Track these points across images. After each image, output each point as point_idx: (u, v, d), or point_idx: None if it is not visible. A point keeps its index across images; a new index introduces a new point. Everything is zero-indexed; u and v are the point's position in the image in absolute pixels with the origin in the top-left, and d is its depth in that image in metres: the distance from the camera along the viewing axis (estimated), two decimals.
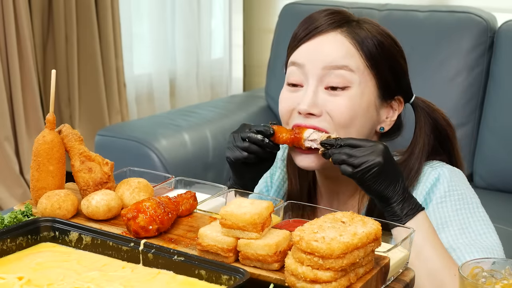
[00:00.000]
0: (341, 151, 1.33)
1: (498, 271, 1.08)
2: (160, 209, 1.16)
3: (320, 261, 0.99)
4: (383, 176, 1.31)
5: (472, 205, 1.46)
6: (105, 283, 1.05)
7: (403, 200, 1.33)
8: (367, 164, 1.30)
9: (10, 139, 3.13)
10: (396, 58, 1.47)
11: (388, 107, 1.50)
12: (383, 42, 1.45)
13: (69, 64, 3.32)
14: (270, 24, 3.93)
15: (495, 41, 2.82)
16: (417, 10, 2.95)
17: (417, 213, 1.34)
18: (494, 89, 2.79)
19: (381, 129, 1.50)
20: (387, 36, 1.47)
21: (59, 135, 1.30)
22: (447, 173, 1.47)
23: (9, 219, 1.20)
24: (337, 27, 1.45)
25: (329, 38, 1.44)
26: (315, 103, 1.42)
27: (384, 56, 1.45)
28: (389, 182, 1.32)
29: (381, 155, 1.31)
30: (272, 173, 1.67)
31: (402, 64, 1.49)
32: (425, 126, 1.51)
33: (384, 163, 1.31)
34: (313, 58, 1.43)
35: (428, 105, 1.53)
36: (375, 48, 1.44)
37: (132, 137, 2.85)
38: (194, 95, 3.97)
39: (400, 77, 1.49)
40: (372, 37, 1.44)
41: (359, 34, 1.44)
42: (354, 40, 1.43)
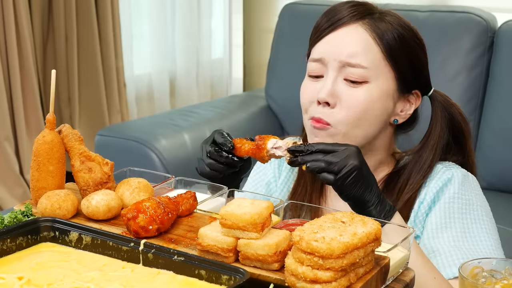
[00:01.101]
0: (317, 158, 1.29)
1: (498, 271, 1.08)
2: (160, 209, 1.16)
3: (320, 261, 0.99)
4: (361, 179, 1.29)
5: (478, 212, 1.45)
6: (105, 283, 1.05)
7: (379, 202, 1.31)
8: (347, 169, 1.28)
9: (10, 139, 3.13)
10: (416, 51, 1.47)
11: (405, 101, 1.50)
12: (404, 35, 1.45)
13: (69, 64, 3.33)
14: (270, 24, 3.93)
15: (495, 41, 2.82)
16: (417, 10, 2.95)
17: (394, 214, 1.33)
18: (494, 89, 2.79)
19: (394, 121, 1.50)
20: (408, 29, 1.47)
21: (59, 135, 1.30)
22: (460, 176, 1.47)
23: (9, 219, 1.20)
24: (359, 19, 1.45)
25: (349, 31, 1.45)
26: (333, 93, 1.43)
27: (403, 49, 1.45)
28: (366, 185, 1.30)
29: (356, 158, 1.29)
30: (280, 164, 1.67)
31: (421, 57, 1.49)
32: (441, 120, 1.51)
33: (360, 166, 1.29)
34: (332, 51, 1.44)
35: (446, 99, 1.53)
36: (395, 41, 1.44)
37: (132, 137, 2.85)
38: (194, 95, 3.97)
39: (419, 71, 1.49)
40: (393, 29, 1.45)
41: (379, 26, 1.44)
42: (374, 33, 1.44)
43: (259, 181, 1.66)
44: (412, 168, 1.50)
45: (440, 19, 2.89)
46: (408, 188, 1.48)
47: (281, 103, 3.20)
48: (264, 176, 1.66)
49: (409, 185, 1.49)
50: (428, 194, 1.46)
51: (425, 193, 1.48)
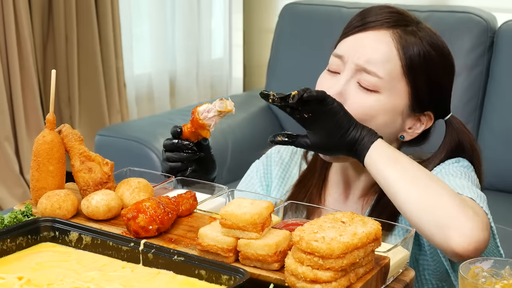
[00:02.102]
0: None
1: (498, 271, 1.08)
2: (160, 209, 1.16)
3: (320, 261, 0.99)
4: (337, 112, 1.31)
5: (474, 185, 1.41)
6: (104, 283, 1.05)
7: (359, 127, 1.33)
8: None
9: (10, 139, 3.13)
10: (439, 73, 1.44)
11: (416, 119, 1.46)
12: (430, 54, 1.42)
13: (69, 64, 3.33)
14: (270, 24, 3.93)
15: (495, 41, 2.82)
16: (417, 10, 2.95)
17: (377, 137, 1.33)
18: (494, 89, 2.79)
19: (401, 137, 1.47)
20: (438, 50, 1.44)
21: (59, 135, 1.30)
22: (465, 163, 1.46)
23: (9, 219, 1.20)
24: (390, 27, 1.43)
25: (376, 36, 1.42)
26: (343, 93, 1.41)
27: (425, 67, 1.42)
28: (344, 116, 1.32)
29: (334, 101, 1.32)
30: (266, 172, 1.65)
31: (443, 81, 1.46)
32: (449, 145, 1.48)
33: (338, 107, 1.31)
34: (354, 52, 1.42)
35: (461, 126, 1.49)
36: (419, 57, 1.41)
37: (132, 137, 2.85)
38: (194, 95, 3.97)
39: (437, 93, 1.45)
40: (421, 45, 1.41)
41: (407, 39, 1.41)
42: (399, 45, 1.41)
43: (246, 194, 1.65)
44: None
45: (440, 19, 2.89)
46: None
47: None
48: (250, 186, 1.65)
49: None
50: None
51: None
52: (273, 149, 1.66)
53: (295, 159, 1.64)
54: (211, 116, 1.38)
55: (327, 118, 1.31)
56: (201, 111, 1.40)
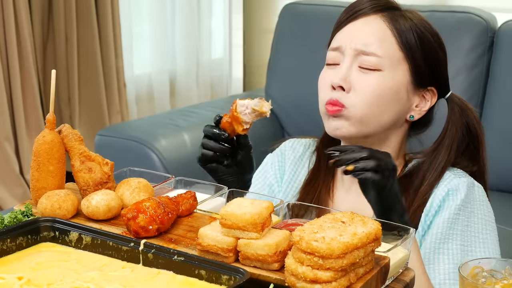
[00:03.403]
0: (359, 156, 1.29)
1: (498, 271, 1.08)
2: (160, 209, 1.16)
3: (320, 261, 0.99)
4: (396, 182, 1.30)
5: (479, 225, 1.45)
6: (104, 283, 1.05)
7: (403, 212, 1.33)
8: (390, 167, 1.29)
9: (10, 139, 3.13)
10: (434, 49, 1.50)
11: (421, 96, 1.51)
12: (423, 31, 1.48)
13: (69, 64, 3.33)
14: (270, 24, 3.93)
15: (495, 41, 2.82)
16: (417, 10, 2.95)
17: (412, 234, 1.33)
18: (494, 89, 2.79)
19: (410, 117, 1.51)
20: (428, 27, 1.50)
21: (59, 135, 1.30)
22: (465, 187, 1.47)
23: (9, 219, 1.20)
24: (379, 11, 1.49)
25: (368, 21, 1.48)
26: (347, 79, 1.45)
27: (421, 44, 1.47)
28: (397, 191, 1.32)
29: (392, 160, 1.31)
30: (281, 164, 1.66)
31: (439, 56, 1.51)
32: (456, 123, 1.52)
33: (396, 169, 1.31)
34: (349, 40, 1.47)
35: (463, 102, 1.54)
36: (412, 35, 1.47)
37: (132, 137, 2.85)
38: (194, 95, 3.97)
39: (436, 68, 1.51)
40: (412, 24, 1.47)
41: (398, 20, 1.47)
42: (391, 25, 1.47)
43: (262, 184, 1.66)
44: (426, 170, 1.50)
45: (440, 19, 2.89)
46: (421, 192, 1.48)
47: (281, 103, 3.20)
48: (265, 179, 1.66)
49: (423, 186, 1.49)
50: (434, 203, 1.46)
51: (431, 203, 1.47)
52: (287, 143, 1.68)
53: (308, 154, 1.65)
54: (246, 112, 1.37)
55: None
56: (239, 104, 1.39)
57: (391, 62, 1.45)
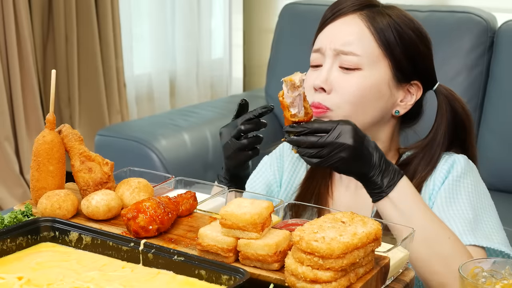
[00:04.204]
0: (306, 140, 1.28)
1: (498, 271, 1.08)
2: (160, 209, 1.16)
3: (320, 261, 0.99)
4: (355, 158, 1.28)
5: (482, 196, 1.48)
6: (104, 283, 1.05)
7: (381, 171, 1.31)
8: (336, 153, 1.26)
9: (10, 139, 3.13)
10: (414, 42, 1.49)
11: (405, 91, 1.51)
12: (401, 26, 1.48)
13: (69, 64, 3.33)
14: (270, 24, 3.93)
15: (495, 41, 2.82)
16: (417, 10, 2.95)
17: (398, 181, 1.32)
18: (494, 89, 2.79)
19: (396, 112, 1.51)
20: (408, 21, 1.49)
21: (59, 135, 1.30)
22: (462, 160, 1.50)
23: (9, 219, 1.20)
24: (357, 10, 1.49)
25: (346, 21, 1.49)
26: (328, 80, 1.47)
27: (400, 40, 1.47)
28: (364, 161, 1.29)
29: (350, 137, 1.27)
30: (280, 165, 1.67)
31: (421, 49, 1.50)
32: (446, 114, 1.53)
33: (354, 144, 1.27)
34: (329, 41, 1.48)
35: (450, 93, 1.55)
36: (390, 31, 1.47)
37: (132, 137, 2.85)
38: (194, 95, 3.97)
39: (418, 62, 1.50)
40: (390, 20, 1.48)
41: (376, 17, 1.48)
42: (369, 23, 1.47)
43: (260, 185, 1.67)
44: (420, 162, 1.52)
45: (440, 19, 2.89)
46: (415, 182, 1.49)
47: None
48: (264, 179, 1.67)
49: (415, 179, 1.50)
50: (435, 183, 1.48)
51: (433, 185, 1.49)
52: (286, 144, 1.68)
53: None
54: (285, 92, 1.32)
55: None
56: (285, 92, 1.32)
57: (371, 60, 1.46)
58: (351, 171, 1.31)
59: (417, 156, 1.52)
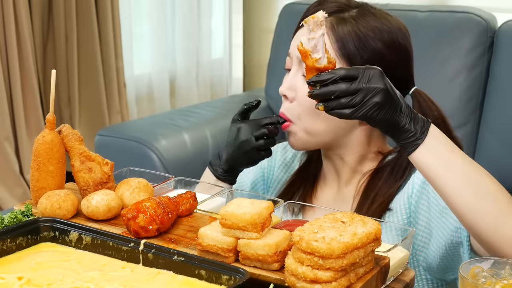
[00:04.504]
0: (337, 89, 1.17)
1: (498, 271, 1.08)
2: (160, 209, 1.16)
3: (320, 261, 0.99)
4: (388, 103, 1.19)
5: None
6: (104, 283, 1.05)
7: (411, 119, 1.22)
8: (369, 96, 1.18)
9: (10, 139, 3.13)
10: (379, 53, 1.44)
11: None
12: (365, 34, 1.44)
13: (69, 64, 3.32)
14: (270, 24, 3.92)
15: (495, 41, 2.82)
16: (417, 10, 2.95)
17: (429, 127, 1.24)
18: (494, 89, 2.79)
19: None
20: (375, 29, 1.45)
21: (59, 135, 1.30)
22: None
23: (9, 219, 1.20)
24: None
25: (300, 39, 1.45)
26: (292, 86, 1.48)
27: (361, 48, 1.43)
28: (395, 106, 1.21)
29: (381, 80, 1.19)
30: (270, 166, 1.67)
31: (388, 58, 1.45)
32: None
33: (386, 87, 1.19)
34: (294, 47, 1.48)
35: (425, 99, 1.51)
36: (352, 39, 1.43)
37: (132, 137, 2.85)
38: (194, 95, 3.97)
39: (384, 70, 1.45)
40: (352, 29, 1.44)
41: (338, 25, 1.44)
42: (330, 31, 1.44)
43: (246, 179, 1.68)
44: (394, 164, 1.50)
45: (440, 19, 2.89)
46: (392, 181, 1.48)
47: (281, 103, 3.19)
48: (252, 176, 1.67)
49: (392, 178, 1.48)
50: (415, 184, 1.46)
51: (413, 184, 1.46)
52: (280, 145, 1.68)
53: (298, 158, 1.66)
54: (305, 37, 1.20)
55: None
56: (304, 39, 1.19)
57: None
58: (384, 119, 1.20)
59: (394, 158, 1.50)
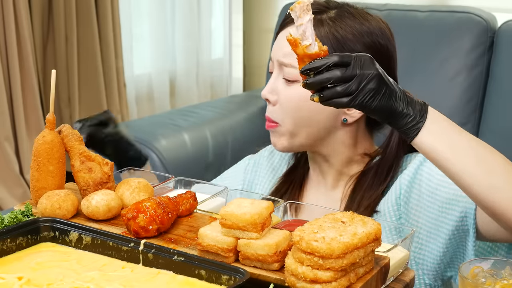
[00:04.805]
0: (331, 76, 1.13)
1: (498, 271, 1.08)
2: (160, 209, 1.16)
3: (320, 261, 0.99)
4: (383, 89, 1.16)
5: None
6: (104, 283, 1.05)
7: (408, 103, 1.19)
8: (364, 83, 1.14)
9: (10, 139, 3.12)
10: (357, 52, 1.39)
11: None
12: (344, 36, 1.43)
13: (69, 64, 3.32)
14: (270, 24, 3.92)
15: (495, 41, 2.82)
16: (417, 10, 2.95)
17: (427, 109, 1.21)
18: (494, 89, 2.79)
19: (344, 120, 1.47)
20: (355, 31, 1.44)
21: (59, 135, 1.30)
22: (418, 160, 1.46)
23: (9, 219, 1.20)
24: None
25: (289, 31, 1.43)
26: (274, 90, 1.47)
27: (340, 51, 1.41)
28: (390, 92, 1.17)
29: (373, 65, 1.15)
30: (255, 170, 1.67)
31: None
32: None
33: (379, 73, 1.16)
34: (275, 51, 1.48)
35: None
36: (329, 41, 1.42)
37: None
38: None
39: None
40: (329, 31, 1.43)
41: (316, 27, 1.42)
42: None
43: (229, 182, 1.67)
44: (378, 166, 1.49)
45: (440, 19, 2.89)
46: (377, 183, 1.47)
47: None
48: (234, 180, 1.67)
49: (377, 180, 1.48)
50: (402, 184, 1.45)
51: (400, 185, 1.46)
52: (265, 153, 1.68)
53: (285, 160, 1.65)
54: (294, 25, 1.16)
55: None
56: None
57: None
58: (381, 105, 1.16)
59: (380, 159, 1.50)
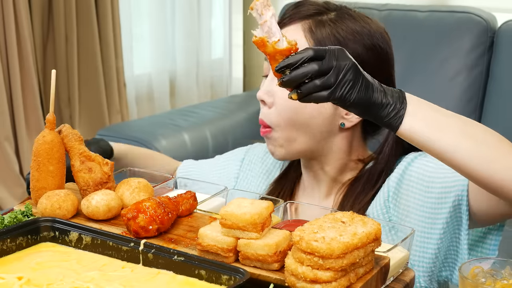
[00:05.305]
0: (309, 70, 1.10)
1: (498, 271, 1.08)
2: (160, 209, 1.16)
3: (320, 261, 0.99)
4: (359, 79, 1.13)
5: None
6: (104, 283, 1.05)
7: (384, 93, 1.16)
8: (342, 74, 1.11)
9: (10, 139, 3.12)
10: (360, 55, 1.41)
11: None
12: (344, 37, 1.41)
13: (69, 64, 3.32)
14: None
15: (495, 41, 2.82)
16: (417, 10, 2.95)
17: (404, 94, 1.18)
18: (494, 89, 2.79)
19: (341, 125, 1.46)
20: (355, 33, 1.43)
21: (59, 135, 1.30)
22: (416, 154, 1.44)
23: (9, 219, 1.20)
24: (302, 19, 1.43)
25: (288, 31, 1.43)
26: (270, 92, 1.45)
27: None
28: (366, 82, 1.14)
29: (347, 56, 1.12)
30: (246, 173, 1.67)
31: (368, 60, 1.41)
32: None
33: (355, 63, 1.13)
34: None
35: None
36: (331, 43, 1.40)
37: (132, 137, 2.85)
38: (194, 95, 3.97)
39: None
40: (331, 32, 1.41)
41: (317, 28, 1.41)
42: (309, 35, 1.42)
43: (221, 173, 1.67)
44: (370, 172, 1.48)
45: (440, 19, 2.89)
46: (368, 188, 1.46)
47: None
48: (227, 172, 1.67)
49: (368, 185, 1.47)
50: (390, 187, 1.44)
51: (388, 187, 1.44)
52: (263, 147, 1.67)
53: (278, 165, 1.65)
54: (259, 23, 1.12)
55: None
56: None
57: None
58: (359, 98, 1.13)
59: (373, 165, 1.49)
